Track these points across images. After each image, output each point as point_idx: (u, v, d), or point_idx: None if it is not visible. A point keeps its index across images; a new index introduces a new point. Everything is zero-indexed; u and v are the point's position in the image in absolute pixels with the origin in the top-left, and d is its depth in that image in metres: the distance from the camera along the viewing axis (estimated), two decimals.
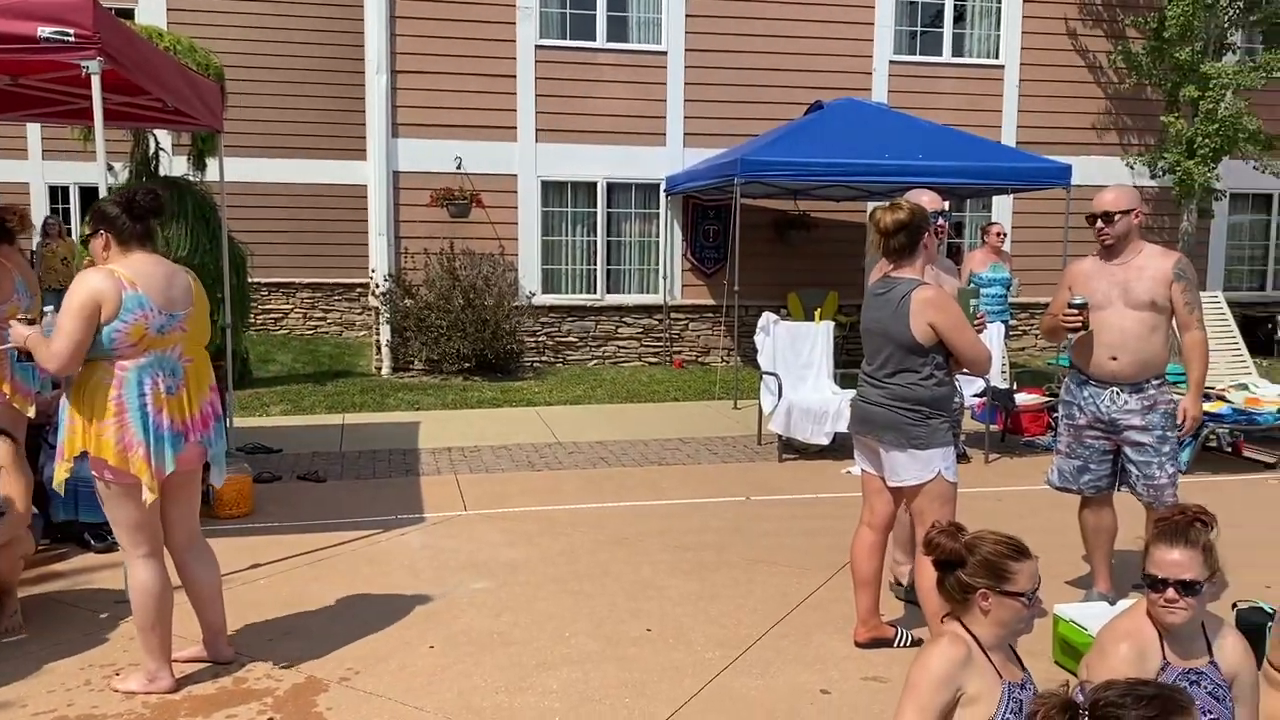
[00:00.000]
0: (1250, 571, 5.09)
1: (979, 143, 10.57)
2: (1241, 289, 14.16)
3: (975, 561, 2.62)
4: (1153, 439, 4.35)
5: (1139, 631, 2.80)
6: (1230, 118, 11.76)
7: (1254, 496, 6.72)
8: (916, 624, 4.35)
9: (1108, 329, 4.36)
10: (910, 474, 3.99)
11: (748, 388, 10.40)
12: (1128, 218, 4.32)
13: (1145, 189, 13.21)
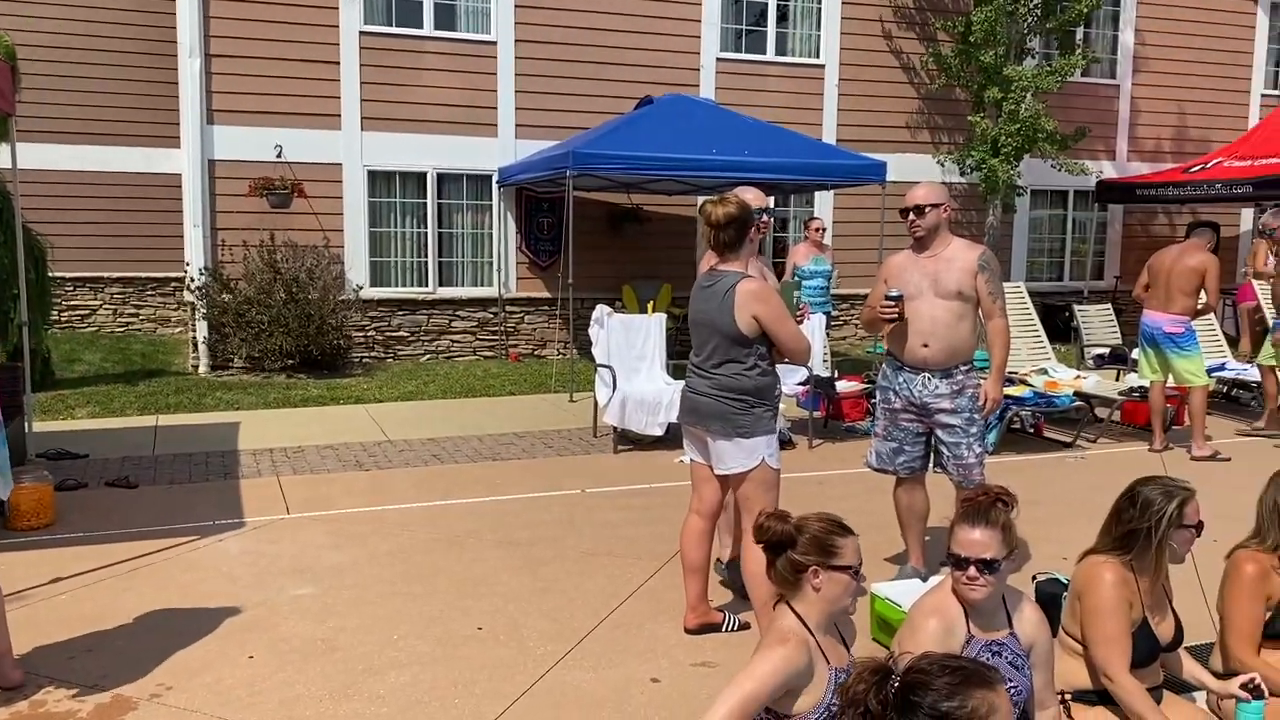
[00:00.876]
0: (1049, 545, 5.45)
1: (802, 140, 10.91)
2: (1042, 280, 15.14)
3: (805, 540, 2.69)
4: (961, 421, 4.60)
5: (945, 607, 2.94)
6: (1030, 118, 12.54)
7: (1053, 474, 7.20)
8: (745, 609, 4.46)
9: (919, 318, 4.58)
10: (736, 462, 4.08)
11: (584, 380, 10.43)
12: (936, 211, 4.55)
13: (955, 185, 13.94)
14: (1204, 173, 13.27)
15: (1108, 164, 15.13)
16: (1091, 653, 3.15)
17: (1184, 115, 15.54)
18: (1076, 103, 14.45)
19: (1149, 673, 3.20)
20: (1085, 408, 8.38)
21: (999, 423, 7.76)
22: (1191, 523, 3.18)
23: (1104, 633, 3.10)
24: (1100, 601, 3.11)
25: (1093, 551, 3.26)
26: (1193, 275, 7.55)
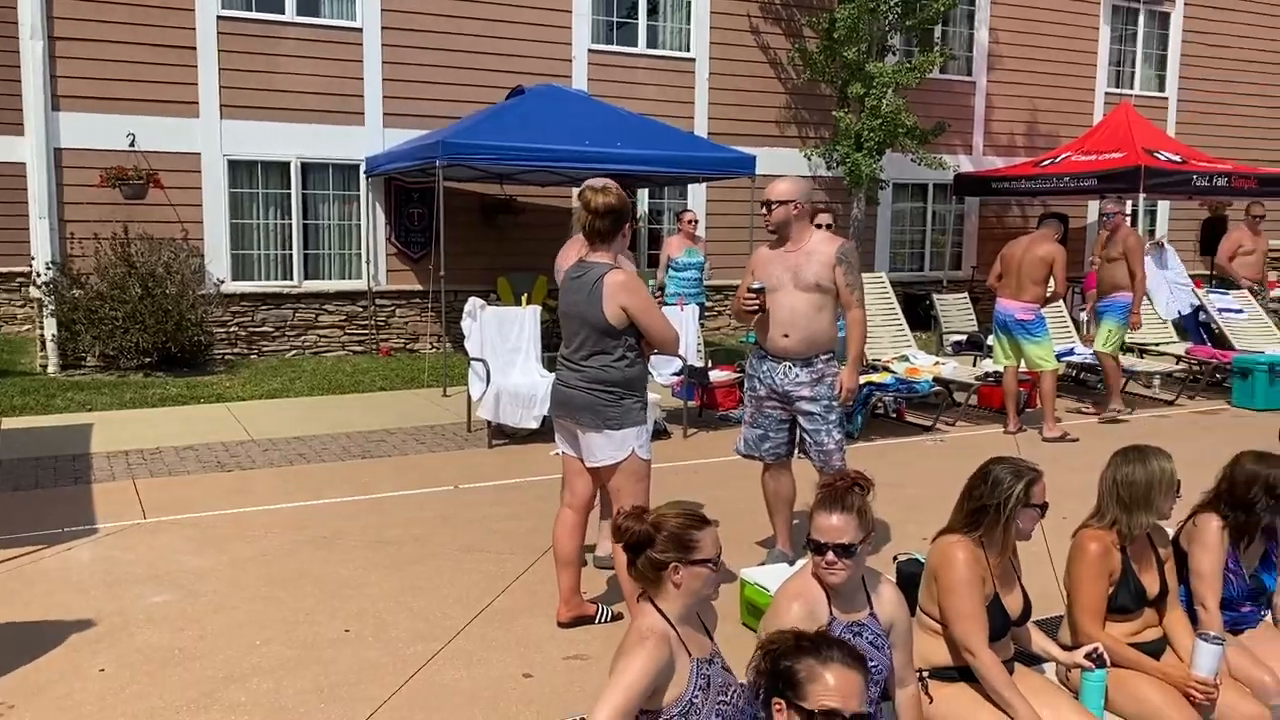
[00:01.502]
0: (911, 526, 5.65)
1: (673, 133, 11.00)
2: (904, 270, 15.66)
3: (663, 538, 2.71)
4: (820, 409, 4.72)
5: (808, 590, 3.01)
6: (891, 114, 12.94)
7: (914, 457, 7.46)
8: (618, 600, 4.48)
9: (780, 309, 4.69)
10: (606, 454, 4.09)
11: (457, 374, 10.29)
12: (785, 208, 4.65)
13: (822, 179, 14.28)
14: (1053, 166, 13.93)
15: (965, 158, 15.73)
16: (951, 630, 3.27)
17: (1035, 111, 16.27)
18: (935, 99, 14.96)
19: (1000, 646, 3.34)
20: (944, 392, 8.71)
21: (863, 408, 8.00)
22: (1038, 502, 3.33)
23: (961, 610, 3.22)
24: (955, 580, 3.23)
25: (946, 531, 3.39)
26: (1042, 265, 7.93)
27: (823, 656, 2.25)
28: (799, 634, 2.36)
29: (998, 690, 3.15)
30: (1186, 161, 13.21)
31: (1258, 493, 3.85)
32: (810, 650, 2.25)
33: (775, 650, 2.34)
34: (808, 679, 2.23)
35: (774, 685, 2.30)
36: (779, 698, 2.27)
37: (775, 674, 2.30)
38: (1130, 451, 3.66)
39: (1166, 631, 3.70)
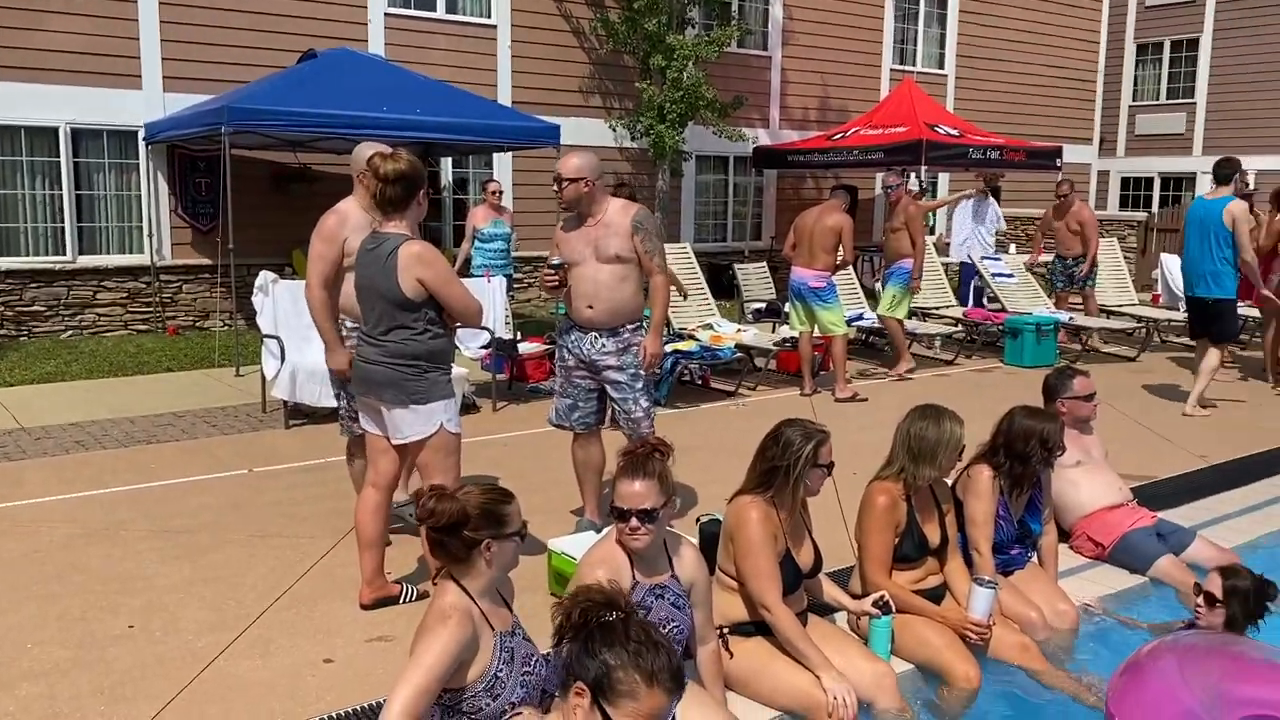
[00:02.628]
0: (714, 487, 5.80)
1: (475, 100, 10.81)
2: (708, 241, 16.03)
3: (476, 516, 2.67)
4: (627, 377, 4.77)
5: (612, 557, 3.05)
6: (692, 86, 13.16)
7: (719, 421, 7.67)
8: (423, 579, 4.40)
9: (583, 281, 4.70)
10: (413, 429, 4.00)
11: (251, 353, 9.81)
12: (576, 185, 4.66)
13: (628, 150, 14.40)
14: (843, 140, 14.56)
15: (763, 131, 16.20)
16: (747, 587, 3.39)
17: (826, 87, 16.92)
18: (734, 72, 15.32)
19: (794, 599, 3.49)
20: (746, 358, 8.99)
21: (670, 376, 8.15)
22: (825, 462, 3.48)
23: (756, 568, 3.34)
24: (749, 539, 3.34)
25: (741, 492, 3.50)
26: (831, 234, 8.29)
27: (651, 675, 2.14)
28: (632, 623, 2.24)
29: (791, 642, 3.29)
30: (963, 135, 14.07)
31: (1034, 446, 4.18)
32: (639, 658, 2.16)
33: (601, 629, 2.21)
34: (627, 692, 2.13)
35: (584, 667, 2.17)
36: (584, 684, 2.15)
37: (591, 656, 2.16)
38: (929, 409, 3.90)
39: (946, 578, 3.96)
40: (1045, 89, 19.56)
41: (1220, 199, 7.82)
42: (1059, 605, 4.12)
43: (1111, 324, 11.11)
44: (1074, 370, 5.05)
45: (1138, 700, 3.02)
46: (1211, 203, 7.86)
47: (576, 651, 2.21)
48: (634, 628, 2.21)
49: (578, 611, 2.26)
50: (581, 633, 2.22)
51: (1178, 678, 3.04)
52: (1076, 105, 20.19)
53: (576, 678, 2.18)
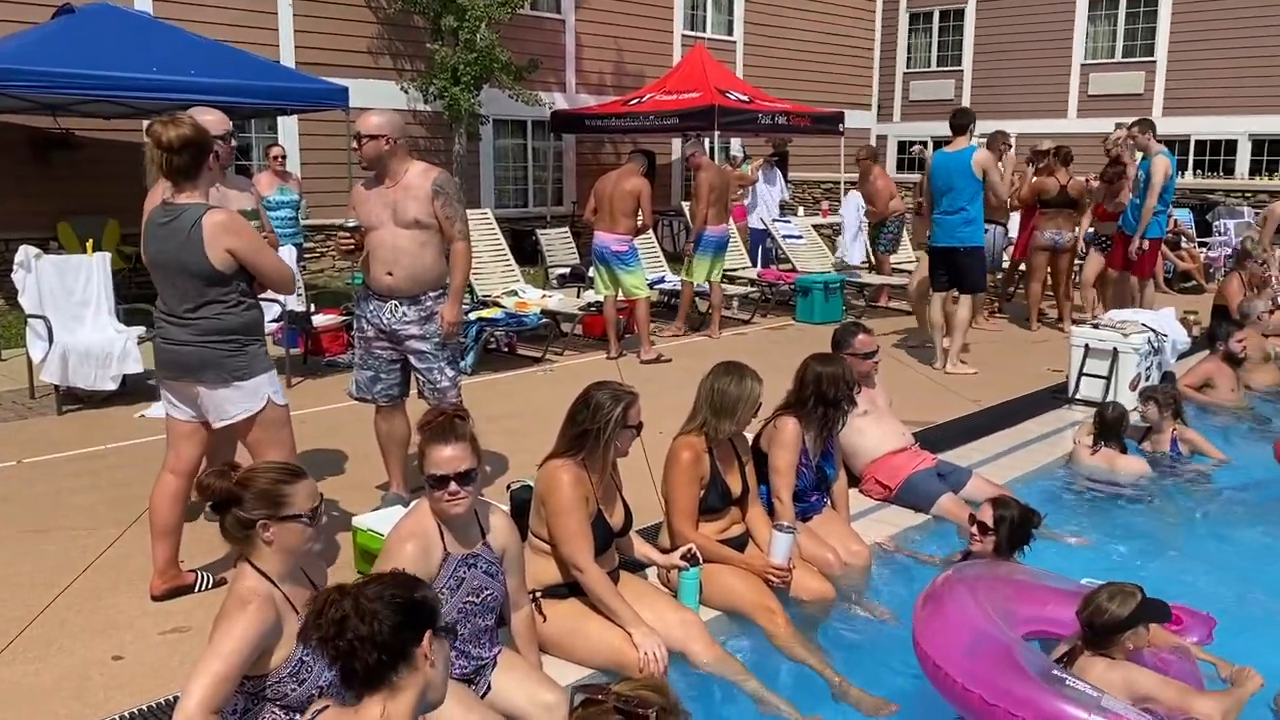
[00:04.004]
0: (524, 454, 5.79)
1: (255, 61, 10.23)
2: (510, 206, 15.88)
3: (251, 496, 2.56)
4: (431, 347, 4.68)
5: (421, 529, 3.00)
6: (485, 49, 12.92)
7: (527, 387, 7.66)
8: (224, 567, 4.20)
9: (381, 246, 4.57)
10: (240, 407, 3.80)
11: (14, 335, 9.01)
12: (377, 143, 4.51)
13: (422, 113, 14.02)
14: (639, 105, 14.69)
15: (560, 96, 16.13)
16: (559, 549, 3.42)
17: (620, 51, 17.00)
18: (528, 35, 15.14)
19: (605, 558, 3.55)
20: (552, 324, 9.00)
21: (475, 344, 8.06)
22: (634, 423, 3.55)
23: (567, 529, 3.37)
24: (561, 502, 3.37)
25: (552, 455, 3.51)
26: (630, 198, 8.38)
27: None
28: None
29: (603, 600, 3.35)
30: (753, 101, 14.48)
31: (841, 389, 4.39)
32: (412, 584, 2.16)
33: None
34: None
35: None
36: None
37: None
38: (731, 367, 4.02)
39: (749, 526, 4.12)
40: (827, 56, 20.35)
41: (963, 150, 8.03)
42: (852, 545, 4.37)
43: (894, 280, 11.77)
44: (858, 327, 5.31)
45: (942, 625, 3.27)
46: (954, 155, 8.05)
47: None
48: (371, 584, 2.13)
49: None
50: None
51: (972, 603, 3.31)
52: (856, 72, 21.13)
53: None
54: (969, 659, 3.08)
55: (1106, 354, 6.85)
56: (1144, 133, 9.28)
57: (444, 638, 2.15)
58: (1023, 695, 2.90)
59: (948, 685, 3.10)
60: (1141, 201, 9.05)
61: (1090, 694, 2.86)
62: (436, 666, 2.11)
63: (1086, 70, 21.48)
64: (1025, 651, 3.11)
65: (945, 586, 3.49)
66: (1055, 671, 3.00)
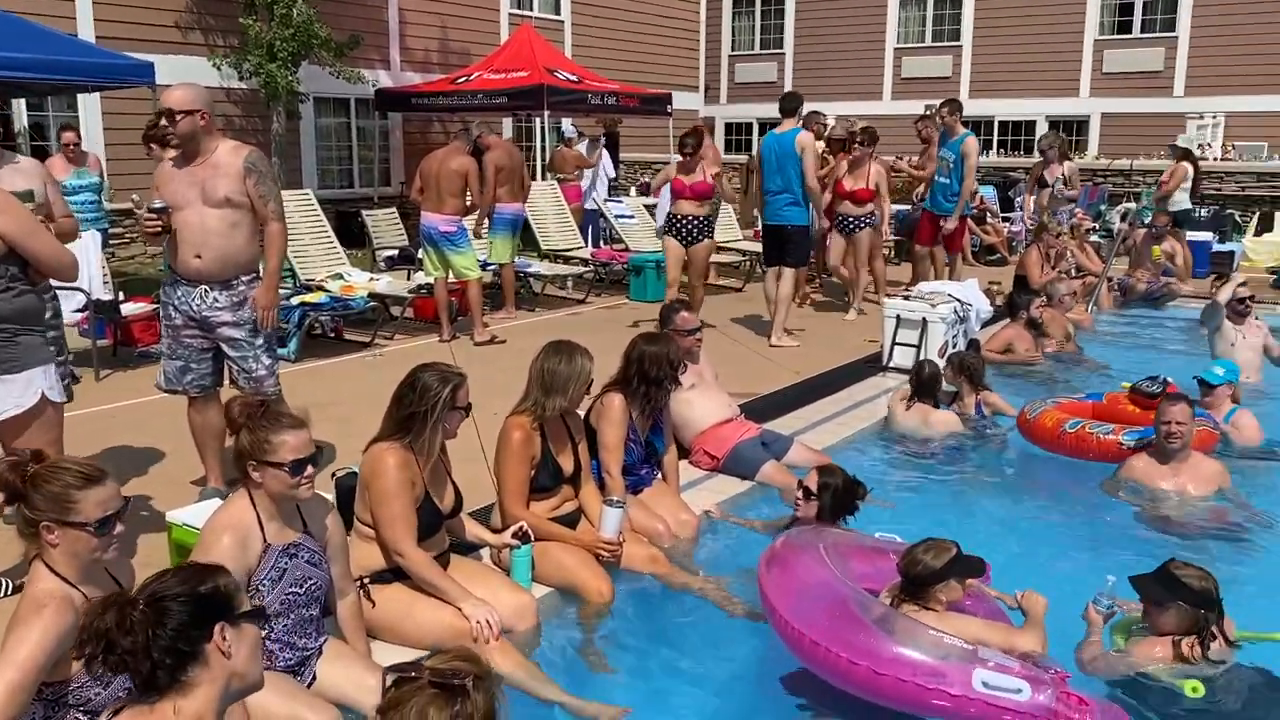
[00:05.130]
0: (352, 440, 5.61)
1: (48, 34, 9.54)
2: (335, 187, 15.39)
3: (40, 496, 2.42)
4: (245, 334, 4.51)
5: (238, 521, 2.91)
6: (303, 24, 12.44)
7: (355, 373, 7.48)
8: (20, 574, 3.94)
9: (189, 228, 4.36)
10: (9, 402, 3.55)
11: None
12: (192, 118, 4.31)
13: (236, 91, 13.41)
14: (467, 84, 14.47)
15: (384, 73, 15.72)
16: (381, 534, 3.38)
17: (446, 29, 16.69)
18: (349, 11, 14.68)
19: (435, 542, 3.53)
20: (380, 308, 8.81)
21: (298, 330, 7.81)
22: (463, 405, 3.53)
23: (390, 514, 3.34)
24: (385, 486, 3.33)
25: (378, 439, 3.46)
26: (457, 177, 8.28)
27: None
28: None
29: (428, 581, 3.34)
30: (582, 81, 14.48)
31: (664, 369, 4.48)
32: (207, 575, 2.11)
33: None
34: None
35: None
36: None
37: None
38: (562, 345, 4.06)
39: (581, 502, 4.18)
40: (654, 38, 20.56)
41: (789, 131, 8.40)
42: (681, 515, 4.49)
43: (720, 258, 12.05)
44: (681, 304, 5.45)
45: (789, 580, 3.40)
46: (782, 136, 8.43)
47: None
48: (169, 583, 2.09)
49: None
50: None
51: (815, 559, 3.45)
52: (684, 54, 21.42)
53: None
54: (833, 625, 3.15)
55: (916, 324, 7.24)
56: (952, 114, 9.79)
57: (248, 624, 2.08)
58: (902, 657, 2.98)
59: (805, 645, 3.18)
60: (950, 182, 9.56)
61: (965, 646, 2.99)
62: (239, 654, 2.05)
63: (899, 54, 22.44)
64: (888, 613, 3.22)
65: (786, 547, 3.63)
66: (930, 630, 3.09)
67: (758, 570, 3.57)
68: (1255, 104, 18.28)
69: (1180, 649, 3.27)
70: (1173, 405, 4.89)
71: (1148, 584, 3.38)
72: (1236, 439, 5.67)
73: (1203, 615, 3.28)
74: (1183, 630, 3.30)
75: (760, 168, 8.73)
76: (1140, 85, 19.76)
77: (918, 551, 3.43)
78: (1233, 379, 5.89)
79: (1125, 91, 19.92)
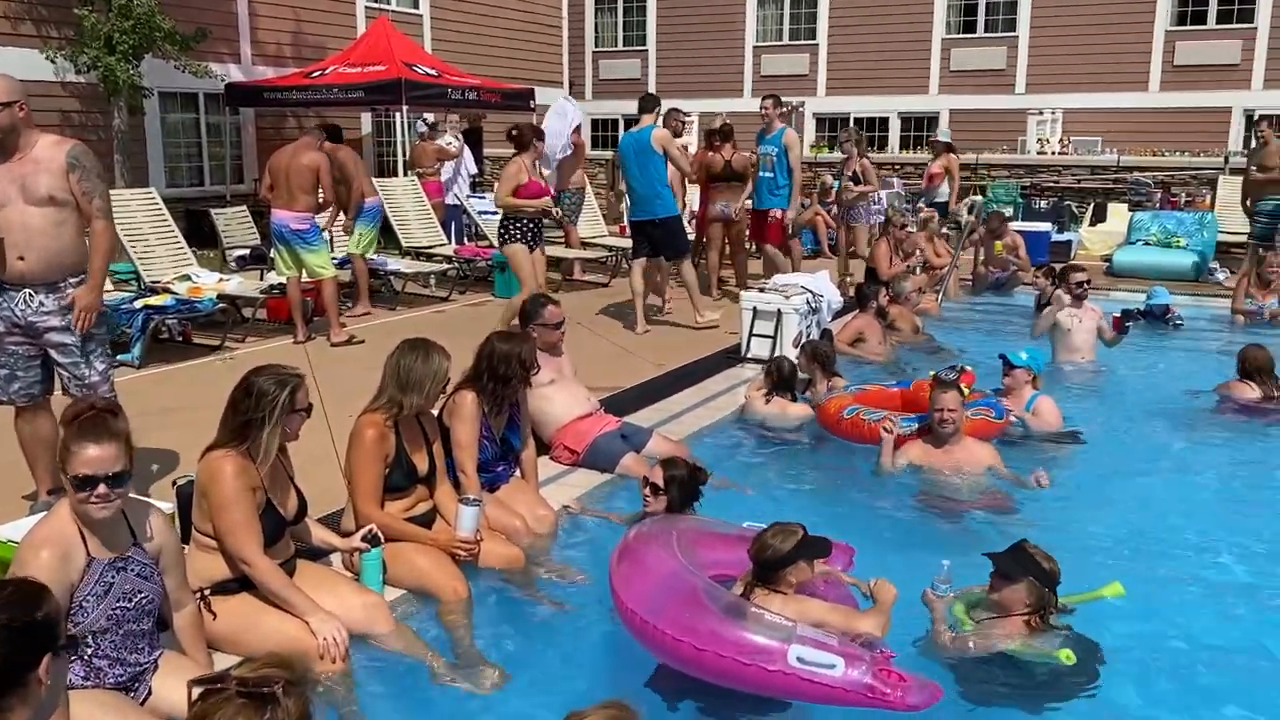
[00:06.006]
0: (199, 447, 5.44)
1: None
2: (184, 185, 14.77)
3: None
4: (75, 339, 4.30)
5: (58, 534, 2.77)
6: (144, 15, 11.88)
7: (205, 379, 7.19)
8: None
9: (10, 228, 4.13)
10: None
11: None
12: (10, 110, 4.07)
13: (74, 85, 12.74)
14: (322, 78, 14.09)
15: (234, 67, 15.16)
16: (225, 543, 3.27)
17: (300, 22, 16.21)
18: (196, 3, 14.10)
19: (280, 548, 3.43)
20: (231, 309, 8.50)
21: (142, 334, 7.47)
22: (302, 407, 3.44)
23: (232, 522, 3.23)
24: (223, 494, 3.22)
25: (213, 446, 3.34)
26: (308, 173, 8.05)
27: None
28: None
29: (275, 592, 3.25)
30: (442, 76, 14.28)
31: (514, 367, 4.45)
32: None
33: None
34: None
35: None
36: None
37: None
38: (417, 343, 4.01)
39: (436, 502, 4.13)
40: (517, 33, 20.42)
41: (647, 128, 8.67)
42: (539, 511, 4.49)
43: (586, 254, 12.07)
44: (546, 299, 5.44)
45: (637, 573, 3.43)
46: (641, 133, 8.70)
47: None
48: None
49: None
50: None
51: (663, 550, 3.49)
52: (547, 50, 21.35)
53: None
54: (667, 607, 3.21)
55: (772, 315, 7.41)
56: (775, 108, 9.78)
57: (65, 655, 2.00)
58: (723, 634, 3.06)
59: (651, 636, 3.23)
60: (775, 175, 9.69)
61: (785, 624, 3.10)
62: (55, 683, 1.97)
63: (758, 52, 22.89)
64: (720, 593, 3.30)
65: (637, 540, 3.67)
66: (754, 609, 3.20)
67: (609, 562, 3.60)
68: (1091, 101, 19.34)
69: (1031, 623, 3.46)
70: (944, 393, 5.22)
71: (1004, 560, 3.55)
72: (1035, 425, 5.94)
73: (1047, 592, 3.48)
74: (1028, 604, 3.48)
75: (623, 165, 8.87)
76: (985, 83, 20.66)
77: (766, 536, 3.51)
78: (1034, 365, 6.12)
79: (971, 89, 20.80)
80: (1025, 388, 6.05)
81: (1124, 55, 19.34)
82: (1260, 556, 4.62)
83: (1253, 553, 4.66)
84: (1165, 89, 19.17)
